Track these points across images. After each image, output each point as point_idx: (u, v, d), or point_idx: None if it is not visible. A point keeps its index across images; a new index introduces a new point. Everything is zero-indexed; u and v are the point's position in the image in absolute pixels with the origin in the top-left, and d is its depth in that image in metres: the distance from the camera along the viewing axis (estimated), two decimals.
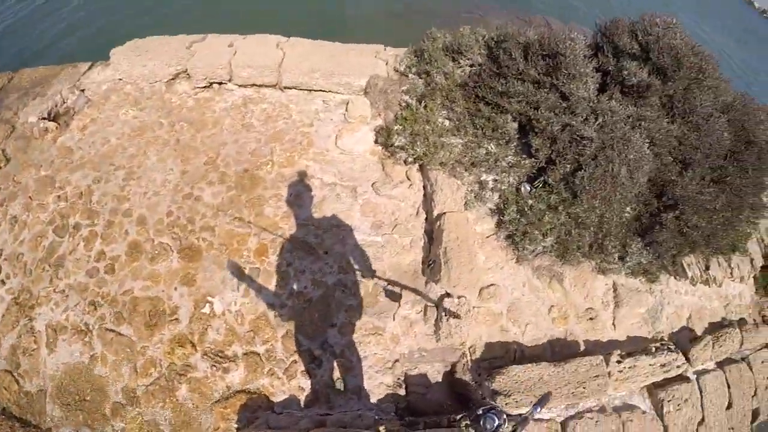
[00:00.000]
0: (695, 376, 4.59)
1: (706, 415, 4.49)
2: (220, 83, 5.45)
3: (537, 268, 4.65)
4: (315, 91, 5.33)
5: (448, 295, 4.36)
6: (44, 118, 5.99)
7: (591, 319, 4.60)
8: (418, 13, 12.89)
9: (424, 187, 4.83)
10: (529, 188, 4.63)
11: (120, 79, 5.75)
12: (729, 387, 4.57)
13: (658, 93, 4.65)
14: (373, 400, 4.14)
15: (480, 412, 2.25)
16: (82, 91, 6.04)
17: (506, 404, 3.96)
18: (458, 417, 4.19)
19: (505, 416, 2.16)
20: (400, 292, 4.39)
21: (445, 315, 4.17)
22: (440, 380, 4.48)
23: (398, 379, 4.29)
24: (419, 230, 4.64)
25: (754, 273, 5.02)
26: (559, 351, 4.49)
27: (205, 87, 5.44)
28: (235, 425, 4.08)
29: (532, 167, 4.73)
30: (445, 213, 4.45)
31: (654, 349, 4.49)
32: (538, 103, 4.62)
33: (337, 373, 4.34)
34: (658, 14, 4.99)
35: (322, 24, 10.53)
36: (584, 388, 4.17)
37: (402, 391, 4.25)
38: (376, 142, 5.01)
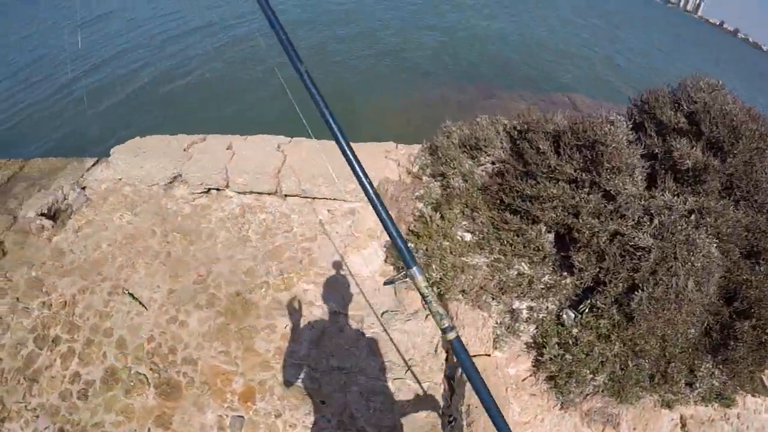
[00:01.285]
0: None
1: None
2: (218, 189, 4.92)
3: (587, 413, 3.80)
4: (319, 198, 4.74)
5: None
6: (43, 214, 5.81)
7: None
8: (433, 105, 12.64)
9: None
10: (573, 315, 3.94)
11: (120, 179, 5.38)
12: None
13: (718, 174, 3.76)
14: None
15: None
16: (83, 188, 5.93)
17: None
18: None
19: None
20: None
21: None
22: None
23: None
24: (438, 374, 3.97)
25: None
26: None
27: (203, 192, 4.97)
28: None
29: (575, 287, 3.93)
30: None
31: None
32: (577, 208, 4.33)
33: None
34: (702, 77, 4.22)
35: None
36: None
37: None
38: (386, 261, 4.31)
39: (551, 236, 4.54)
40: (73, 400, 4.76)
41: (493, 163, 5.17)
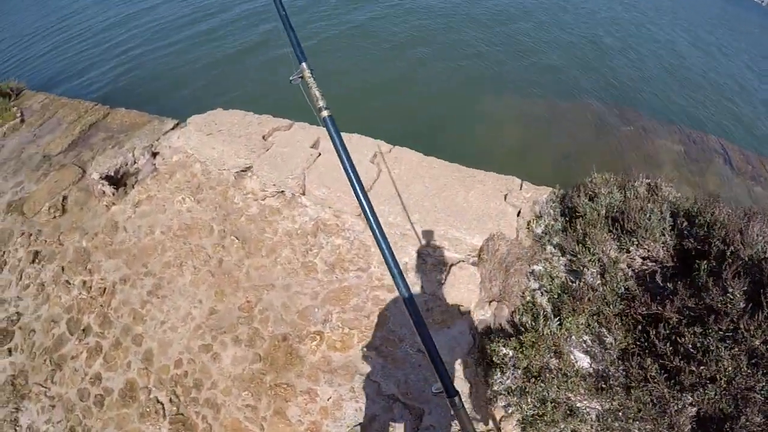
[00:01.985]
0: None
1: None
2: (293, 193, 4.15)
3: None
4: (411, 235, 3.78)
5: None
6: (109, 177, 5.28)
7: None
8: (564, 119, 10.96)
9: None
10: None
11: (192, 154, 4.73)
12: None
13: None
14: None
15: None
16: (154, 155, 5.28)
17: None
18: None
19: None
20: None
21: None
22: None
23: None
24: None
25: None
26: None
27: (277, 192, 4.15)
28: None
29: None
30: None
31: None
32: (747, 398, 2.96)
33: None
34: None
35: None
36: None
37: None
38: (470, 352, 3.29)
39: (693, 411, 3.22)
40: (89, 403, 4.49)
41: (644, 258, 3.82)
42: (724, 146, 12.02)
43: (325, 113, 1.69)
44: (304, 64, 1.76)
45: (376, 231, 1.73)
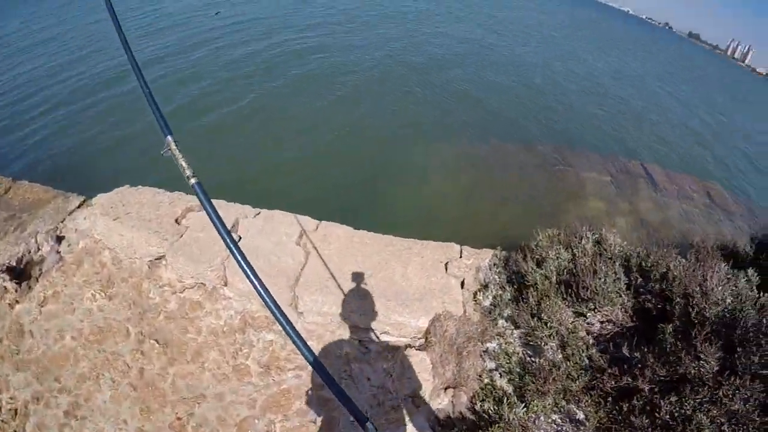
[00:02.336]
0: None
1: None
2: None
3: None
4: (347, 322, 3.48)
5: None
6: (11, 268, 4.64)
7: None
8: (492, 161, 11.05)
9: None
10: None
11: (99, 240, 4.20)
12: None
13: None
14: None
15: None
16: (59, 240, 4.70)
17: None
18: None
19: None
20: None
21: None
22: None
23: None
24: None
25: None
26: None
27: (196, 284, 3.72)
28: None
29: None
30: None
31: None
32: None
33: None
34: None
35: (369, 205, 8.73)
36: None
37: None
38: None
39: None
40: None
41: (602, 322, 3.67)
42: (647, 169, 12.46)
43: (192, 180, 1.77)
44: (169, 137, 1.86)
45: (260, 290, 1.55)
